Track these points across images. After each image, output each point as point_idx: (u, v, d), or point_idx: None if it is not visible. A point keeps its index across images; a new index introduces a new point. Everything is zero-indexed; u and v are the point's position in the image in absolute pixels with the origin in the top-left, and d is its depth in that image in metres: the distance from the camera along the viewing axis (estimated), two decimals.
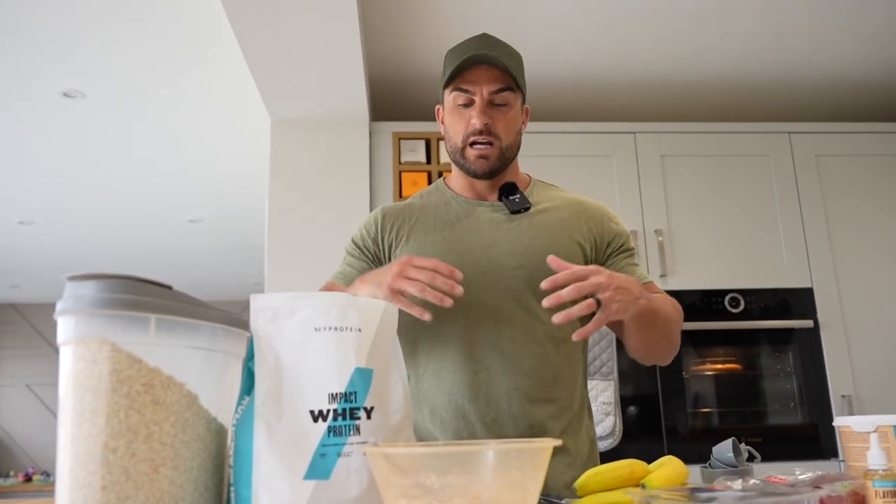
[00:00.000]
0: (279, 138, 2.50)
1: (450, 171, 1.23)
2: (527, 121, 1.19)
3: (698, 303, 2.43)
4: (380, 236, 1.17)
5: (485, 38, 1.11)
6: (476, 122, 1.08)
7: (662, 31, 2.32)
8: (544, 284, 0.88)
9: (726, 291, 2.44)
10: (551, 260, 0.90)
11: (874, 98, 2.82)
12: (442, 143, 2.39)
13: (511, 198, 1.13)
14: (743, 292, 2.44)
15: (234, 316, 0.63)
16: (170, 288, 0.59)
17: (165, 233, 4.33)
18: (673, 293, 2.42)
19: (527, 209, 1.14)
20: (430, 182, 2.46)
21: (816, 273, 2.49)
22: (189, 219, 4.09)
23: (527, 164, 1.26)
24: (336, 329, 0.69)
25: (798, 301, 2.45)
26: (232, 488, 0.63)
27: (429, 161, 2.51)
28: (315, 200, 2.44)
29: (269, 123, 2.52)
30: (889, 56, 2.52)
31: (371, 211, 1.37)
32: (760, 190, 2.58)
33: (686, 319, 2.44)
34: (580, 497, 0.79)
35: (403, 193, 2.44)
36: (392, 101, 2.72)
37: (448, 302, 0.90)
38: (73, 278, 0.55)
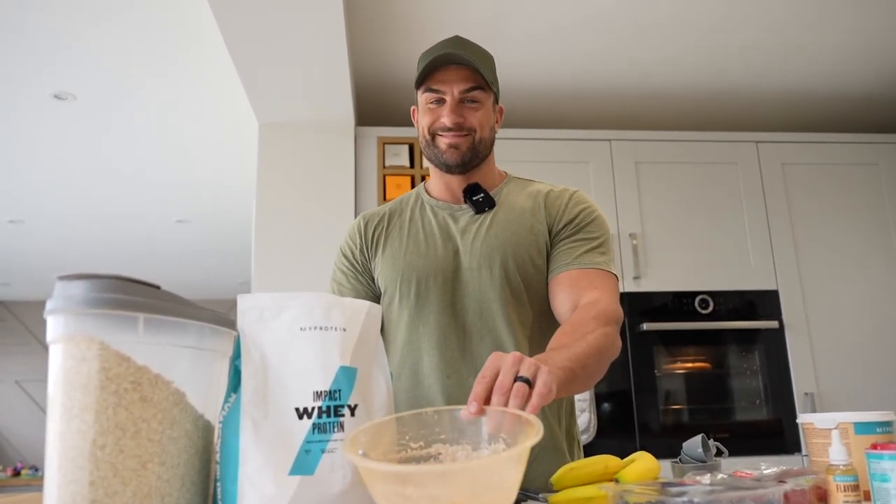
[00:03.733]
0: (266, 142, 2.51)
1: None
2: (500, 120, 1.17)
3: (670, 304, 2.49)
4: (364, 245, 1.17)
5: (456, 40, 1.10)
6: (446, 120, 1.07)
7: (637, 44, 2.38)
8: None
9: (696, 293, 2.51)
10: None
11: (837, 109, 2.91)
12: None
13: (475, 198, 1.13)
14: (712, 294, 2.51)
15: (221, 315, 0.64)
16: (158, 287, 0.59)
17: (154, 233, 4.31)
18: (646, 295, 2.50)
19: (491, 207, 1.12)
20: (413, 186, 2.49)
21: (782, 276, 2.57)
22: (177, 219, 4.06)
23: (506, 170, 1.26)
24: (321, 329, 0.69)
25: (764, 303, 2.53)
26: (218, 484, 0.64)
27: (412, 165, 2.54)
28: (301, 202, 2.45)
29: (257, 127, 2.52)
30: (851, 69, 2.61)
31: (356, 215, 1.36)
32: (729, 196, 2.65)
33: (658, 320, 2.52)
34: (556, 491, 0.81)
35: (387, 196, 2.47)
36: (377, 106, 2.73)
37: None
38: (62, 278, 0.56)
